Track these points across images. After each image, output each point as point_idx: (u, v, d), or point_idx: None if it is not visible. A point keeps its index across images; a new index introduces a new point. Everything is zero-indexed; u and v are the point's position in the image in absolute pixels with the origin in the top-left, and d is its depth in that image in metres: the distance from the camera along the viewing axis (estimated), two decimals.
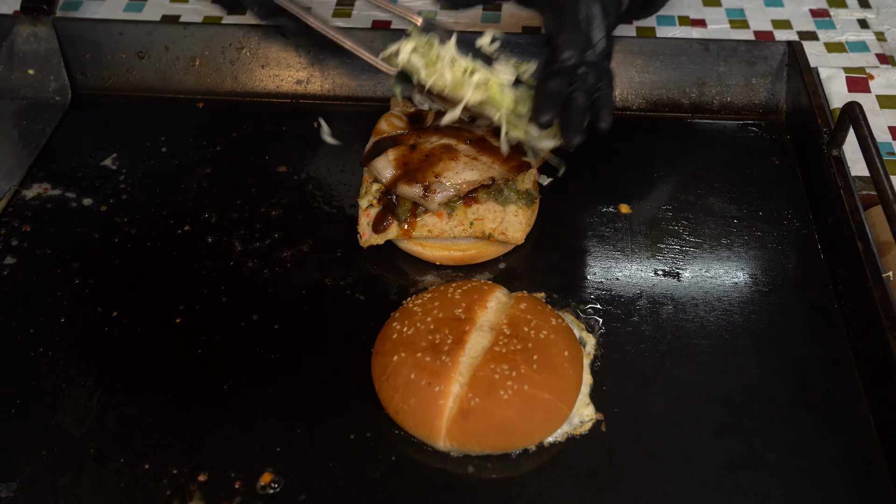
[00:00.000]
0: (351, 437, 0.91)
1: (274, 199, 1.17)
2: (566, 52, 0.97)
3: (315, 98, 1.34)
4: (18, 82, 1.32)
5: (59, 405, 0.94)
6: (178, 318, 1.03)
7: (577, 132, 0.99)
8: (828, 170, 1.11)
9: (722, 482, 0.88)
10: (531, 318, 0.93)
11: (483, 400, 0.86)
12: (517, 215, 1.06)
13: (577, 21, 0.99)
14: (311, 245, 1.11)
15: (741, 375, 0.96)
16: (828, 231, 1.09)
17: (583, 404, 0.93)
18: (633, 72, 1.31)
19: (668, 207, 1.16)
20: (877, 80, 1.32)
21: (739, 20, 1.49)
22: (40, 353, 1.00)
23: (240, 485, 0.87)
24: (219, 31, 1.35)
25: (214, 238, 1.12)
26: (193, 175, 1.21)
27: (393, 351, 0.91)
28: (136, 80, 1.35)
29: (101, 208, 1.17)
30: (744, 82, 1.29)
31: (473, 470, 0.88)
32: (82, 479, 0.88)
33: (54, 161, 1.24)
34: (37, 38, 1.33)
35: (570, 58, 0.98)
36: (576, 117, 0.98)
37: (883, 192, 0.99)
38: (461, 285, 0.98)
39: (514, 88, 1.01)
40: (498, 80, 1.01)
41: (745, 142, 1.25)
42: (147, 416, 0.94)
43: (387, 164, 1.05)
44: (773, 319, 1.02)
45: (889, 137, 1.24)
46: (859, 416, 0.93)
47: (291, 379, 0.97)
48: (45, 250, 1.11)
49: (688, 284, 1.06)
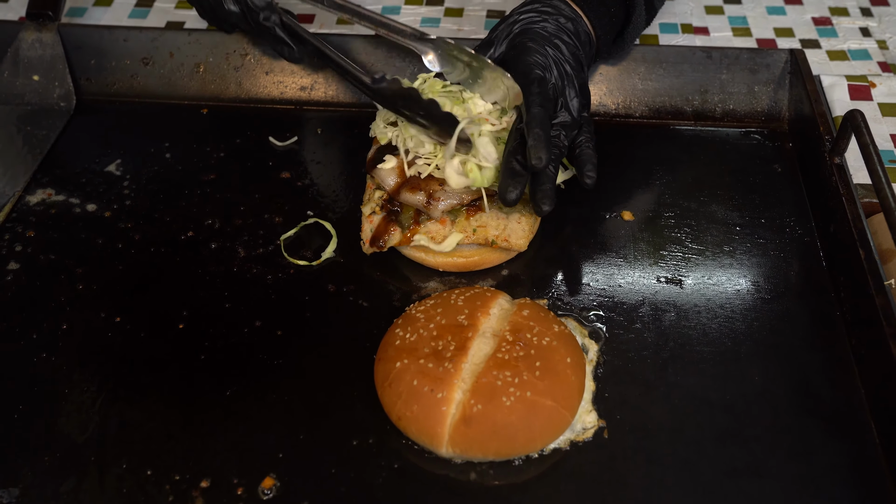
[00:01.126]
0: (353, 443, 0.91)
1: (277, 205, 1.18)
2: (531, 134, 0.98)
3: (319, 104, 1.34)
4: (23, 88, 1.32)
5: (61, 410, 0.95)
6: (181, 323, 1.03)
7: (545, 201, 0.99)
8: (830, 177, 1.11)
9: (724, 489, 0.88)
10: (534, 325, 0.93)
11: (485, 406, 0.86)
12: (520, 222, 1.06)
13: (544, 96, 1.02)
14: (314, 251, 1.12)
15: (743, 382, 0.97)
16: (830, 238, 1.09)
17: (585, 411, 0.93)
18: (636, 79, 1.31)
19: (671, 214, 1.16)
20: (879, 88, 1.32)
21: (742, 28, 1.49)
22: (43, 358, 1.00)
23: (242, 491, 0.87)
24: (223, 37, 1.35)
25: (218, 244, 1.13)
26: (197, 181, 1.22)
27: (396, 357, 0.91)
28: (140, 86, 1.36)
29: (104, 214, 1.17)
30: (746, 90, 1.30)
31: (476, 476, 0.88)
32: (84, 485, 0.88)
33: (58, 166, 1.24)
34: (42, 44, 1.34)
35: (539, 105, 1.01)
36: (543, 187, 1.00)
37: (885, 199, 0.99)
38: (464, 292, 0.98)
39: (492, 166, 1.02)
40: (476, 162, 1.02)
41: (747, 149, 1.26)
42: (150, 421, 0.94)
43: (390, 172, 1.06)
44: (775, 326, 1.02)
45: (891, 145, 1.24)
46: (861, 423, 0.93)
47: (294, 385, 0.97)
48: (49, 256, 1.11)
49: (690, 291, 1.06)
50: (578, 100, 1.08)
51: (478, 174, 1.01)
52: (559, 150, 1.03)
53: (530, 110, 1.01)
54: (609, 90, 1.31)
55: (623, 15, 1.23)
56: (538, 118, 1.00)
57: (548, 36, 1.10)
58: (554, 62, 1.07)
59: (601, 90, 1.31)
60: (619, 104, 1.31)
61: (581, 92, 1.09)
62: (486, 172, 1.01)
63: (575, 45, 1.11)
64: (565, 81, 1.07)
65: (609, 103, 1.31)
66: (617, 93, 1.31)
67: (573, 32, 1.12)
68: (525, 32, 1.11)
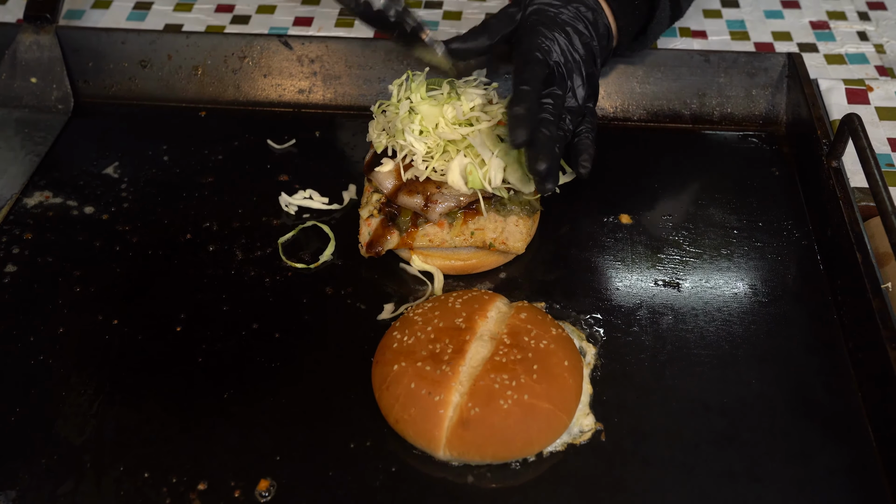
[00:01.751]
0: (351, 445, 0.91)
1: (275, 208, 1.18)
2: (508, 113, 0.98)
3: (317, 107, 1.34)
4: (21, 90, 1.32)
5: (58, 413, 0.94)
6: (178, 326, 1.03)
7: (545, 161, 0.97)
8: (827, 181, 1.11)
9: (721, 492, 0.88)
10: (531, 328, 0.93)
11: (483, 409, 0.86)
12: (518, 225, 1.06)
13: (533, 75, 1.02)
14: (311, 254, 1.12)
15: (741, 385, 0.97)
16: (827, 242, 1.10)
17: (583, 414, 0.93)
18: (634, 83, 1.31)
19: (669, 218, 1.16)
20: (876, 92, 1.32)
21: (740, 32, 1.49)
22: (40, 361, 1.00)
23: (239, 493, 0.87)
24: (221, 40, 1.35)
25: (216, 247, 1.13)
26: (195, 184, 1.22)
27: (393, 360, 0.91)
28: (138, 88, 1.36)
29: (102, 216, 1.17)
30: (744, 93, 1.30)
31: (473, 479, 0.88)
32: (82, 488, 0.88)
33: (56, 169, 1.24)
34: (40, 47, 1.34)
35: (525, 83, 1.00)
36: (543, 146, 0.98)
37: (882, 203, 0.99)
38: (462, 295, 0.98)
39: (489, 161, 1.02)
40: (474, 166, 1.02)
41: (745, 153, 1.26)
42: (147, 424, 0.94)
43: (387, 175, 1.06)
44: (772, 330, 1.02)
45: (888, 149, 1.24)
46: (858, 427, 0.93)
47: (292, 388, 0.97)
48: (47, 258, 1.11)
49: (688, 295, 1.06)
50: (584, 88, 1.07)
51: (477, 176, 1.01)
52: (563, 133, 1.03)
53: (514, 88, 1.00)
54: (607, 93, 1.31)
55: (647, 10, 1.22)
56: (520, 96, 0.99)
57: (561, 23, 1.09)
58: (562, 48, 1.07)
59: (599, 93, 1.31)
60: (617, 107, 1.32)
61: (588, 82, 1.09)
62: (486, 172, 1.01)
63: (590, 36, 1.11)
64: (573, 68, 1.07)
65: (607, 106, 1.32)
66: (615, 96, 1.31)
67: (591, 22, 1.12)
68: (538, 13, 1.10)
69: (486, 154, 1.01)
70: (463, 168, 1.02)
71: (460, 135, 1.02)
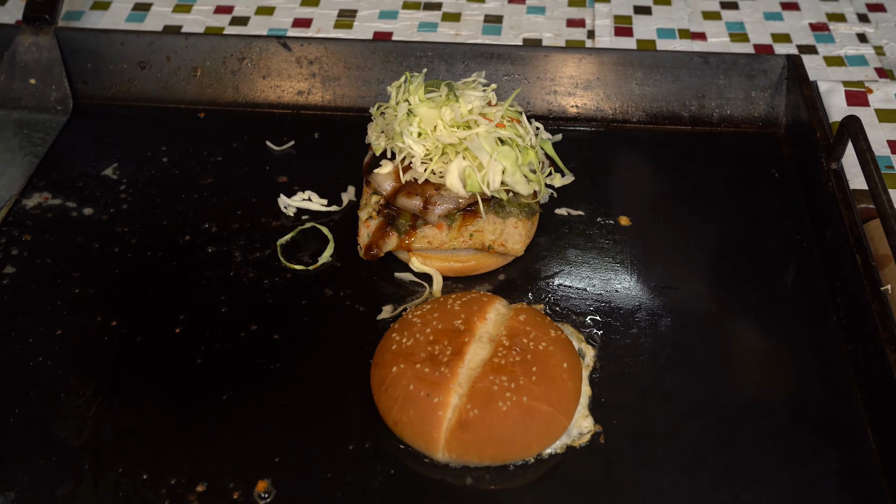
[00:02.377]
0: (350, 447, 0.91)
1: (274, 209, 1.18)
2: None
3: (316, 109, 1.34)
4: (20, 92, 1.32)
5: (57, 414, 0.94)
6: (177, 327, 1.03)
7: None
8: (826, 183, 1.11)
9: (720, 495, 0.87)
10: (530, 330, 0.93)
11: (482, 411, 0.86)
12: (517, 227, 1.06)
13: None
14: (310, 255, 1.12)
15: (739, 388, 0.97)
16: (826, 244, 1.10)
17: (581, 416, 0.93)
18: (634, 84, 1.31)
19: (668, 220, 1.16)
20: (875, 94, 1.32)
21: (739, 34, 1.49)
22: (39, 362, 1.00)
23: (238, 495, 0.87)
24: (220, 41, 1.35)
25: (215, 248, 1.13)
26: (194, 185, 1.22)
27: (392, 362, 0.91)
28: (137, 89, 1.36)
29: (101, 218, 1.17)
30: (743, 95, 1.30)
31: (472, 482, 0.88)
32: (80, 489, 0.88)
33: (55, 170, 1.24)
34: (38, 48, 1.34)
35: None
36: None
37: (881, 205, 0.99)
38: (461, 296, 0.98)
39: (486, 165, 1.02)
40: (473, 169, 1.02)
41: (744, 154, 1.26)
42: (146, 425, 0.94)
43: (386, 177, 1.06)
44: (771, 332, 1.02)
45: (888, 151, 1.24)
46: (858, 430, 0.93)
47: (290, 389, 0.97)
48: (45, 259, 1.11)
49: (687, 297, 1.06)
50: None
51: (475, 179, 1.01)
52: None
53: None
54: (606, 95, 1.31)
55: None
56: None
57: None
58: None
59: (598, 95, 1.31)
60: (616, 109, 1.32)
61: None
62: (484, 175, 1.01)
63: None
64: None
65: (606, 108, 1.32)
66: (614, 98, 1.32)
67: None
68: None
69: (484, 157, 1.01)
70: (461, 171, 1.02)
71: (458, 138, 1.02)
